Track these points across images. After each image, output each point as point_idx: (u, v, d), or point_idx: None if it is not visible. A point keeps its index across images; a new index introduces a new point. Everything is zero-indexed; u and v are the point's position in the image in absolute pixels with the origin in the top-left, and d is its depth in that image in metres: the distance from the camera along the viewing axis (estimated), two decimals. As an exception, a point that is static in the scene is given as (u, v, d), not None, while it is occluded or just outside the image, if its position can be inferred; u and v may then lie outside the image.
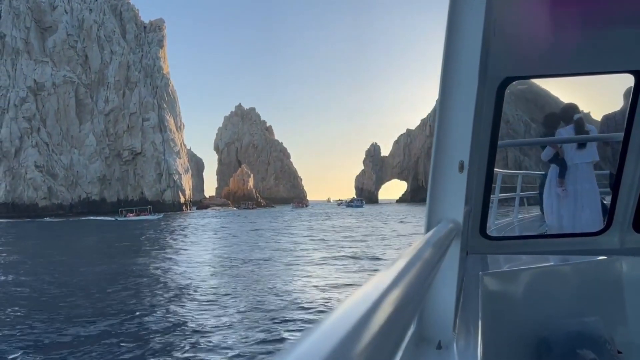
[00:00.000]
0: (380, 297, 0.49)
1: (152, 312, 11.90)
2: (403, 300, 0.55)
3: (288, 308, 11.88)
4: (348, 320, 0.39)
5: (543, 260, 3.26)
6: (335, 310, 0.42)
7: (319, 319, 0.39)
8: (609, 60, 3.09)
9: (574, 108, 5.09)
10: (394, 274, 0.60)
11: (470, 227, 3.40)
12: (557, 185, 5.46)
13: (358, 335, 0.38)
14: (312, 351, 0.32)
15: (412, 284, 0.62)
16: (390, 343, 0.46)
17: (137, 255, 24.20)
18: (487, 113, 3.21)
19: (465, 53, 1.49)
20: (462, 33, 1.50)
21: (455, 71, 1.50)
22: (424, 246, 0.91)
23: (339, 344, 0.35)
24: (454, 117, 1.51)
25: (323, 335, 0.36)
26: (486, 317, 2.02)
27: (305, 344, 0.34)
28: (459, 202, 1.54)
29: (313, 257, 21.99)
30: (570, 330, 2.63)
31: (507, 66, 3.12)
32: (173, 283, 15.94)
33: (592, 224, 5.14)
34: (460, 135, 1.52)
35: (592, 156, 5.32)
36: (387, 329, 0.45)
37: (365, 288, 0.51)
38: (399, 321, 0.51)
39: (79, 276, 17.47)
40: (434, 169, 1.55)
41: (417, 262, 0.74)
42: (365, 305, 0.45)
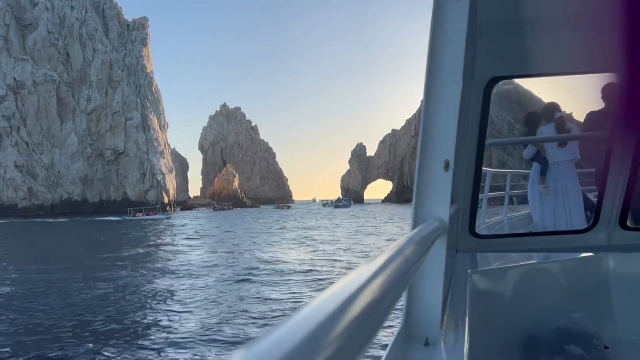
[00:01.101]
0: (356, 291, 0.49)
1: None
2: (379, 295, 0.55)
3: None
4: (322, 313, 0.39)
5: (531, 257, 3.28)
6: (310, 303, 0.43)
7: (292, 313, 0.40)
8: (593, 60, 3.12)
9: (555, 107, 5.15)
10: (372, 270, 0.61)
11: (460, 225, 3.39)
12: (539, 182, 5.53)
13: (329, 328, 0.38)
14: (277, 344, 0.32)
15: (389, 279, 0.63)
16: (363, 336, 0.47)
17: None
18: (474, 112, 3.23)
19: (449, 53, 1.50)
20: (446, 34, 1.51)
21: (439, 71, 1.51)
22: (406, 243, 0.91)
23: (309, 335, 0.35)
24: (438, 116, 1.52)
25: (294, 327, 0.36)
26: (474, 314, 2.03)
27: (272, 337, 0.34)
28: (444, 201, 1.55)
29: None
30: (558, 327, 2.64)
31: (493, 66, 3.15)
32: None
33: (575, 222, 5.20)
34: (445, 135, 1.53)
35: (573, 154, 5.37)
36: (360, 322, 0.45)
37: (342, 282, 0.52)
38: (373, 315, 0.51)
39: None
40: (419, 168, 1.56)
41: (397, 258, 0.74)
42: (340, 298, 0.45)
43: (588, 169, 5.69)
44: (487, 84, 3.19)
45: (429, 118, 1.54)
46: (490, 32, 2.89)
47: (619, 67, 3.03)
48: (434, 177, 1.55)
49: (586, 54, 3.07)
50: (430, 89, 1.53)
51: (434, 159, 1.54)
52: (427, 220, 1.49)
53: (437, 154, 1.54)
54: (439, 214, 1.54)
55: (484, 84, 3.19)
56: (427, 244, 1.13)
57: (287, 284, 15.04)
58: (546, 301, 2.86)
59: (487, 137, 3.39)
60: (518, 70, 3.32)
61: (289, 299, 12.61)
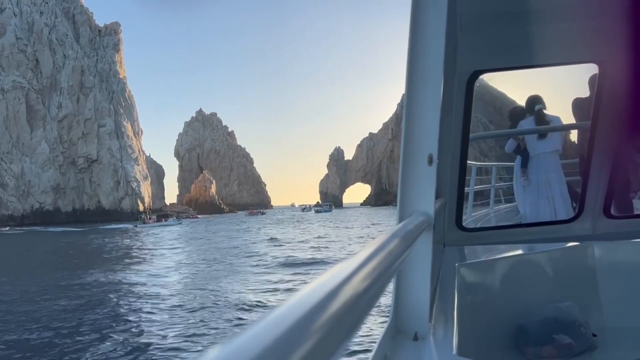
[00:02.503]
0: (337, 286, 0.49)
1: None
2: (361, 289, 0.55)
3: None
4: (301, 308, 0.40)
5: (518, 249, 3.32)
6: (289, 299, 0.43)
7: (272, 308, 0.39)
8: (574, 51, 3.19)
9: (535, 99, 5.24)
10: (354, 264, 0.61)
11: (447, 219, 3.40)
12: (520, 175, 5.63)
13: (309, 322, 0.38)
14: (256, 338, 0.32)
15: (372, 273, 0.63)
16: (344, 330, 0.47)
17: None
18: (457, 107, 3.25)
19: (429, 48, 1.51)
20: (425, 29, 1.51)
21: (420, 66, 1.52)
22: (390, 238, 0.91)
23: (288, 330, 0.35)
24: (421, 111, 1.53)
25: (273, 322, 0.36)
26: (463, 308, 2.04)
27: (250, 332, 0.34)
28: (429, 195, 1.55)
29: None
30: (546, 317, 2.67)
31: (475, 60, 3.19)
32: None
33: (561, 212, 5.27)
34: (428, 129, 1.53)
35: (554, 145, 5.41)
36: (341, 316, 0.45)
37: (323, 277, 0.52)
38: (355, 310, 0.51)
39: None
40: (403, 163, 1.56)
41: (380, 253, 0.74)
42: (320, 293, 0.45)
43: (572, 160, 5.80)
44: (469, 78, 3.21)
45: (412, 113, 1.54)
46: (470, 27, 2.93)
47: (600, 57, 3.21)
48: (418, 171, 1.54)
49: (567, 44, 3.10)
50: (412, 84, 1.53)
51: (418, 153, 1.54)
52: (413, 214, 1.48)
53: (420, 148, 1.53)
54: (425, 209, 1.54)
55: (466, 78, 3.20)
56: (412, 238, 1.12)
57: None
58: (534, 292, 2.87)
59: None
60: (500, 64, 3.33)
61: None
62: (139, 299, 14.50)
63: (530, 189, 5.53)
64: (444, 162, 3.18)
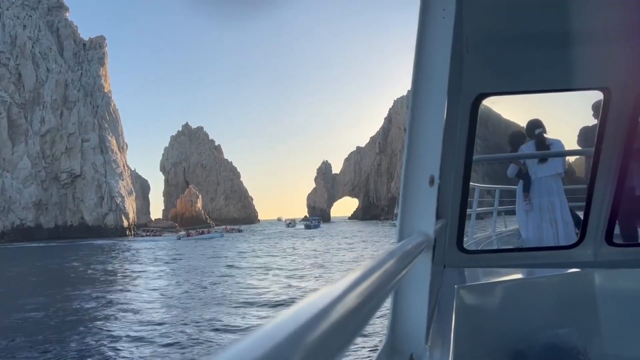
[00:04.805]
0: (332, 301, 0.49)
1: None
2: (356, 305, 0.55)
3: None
4: (291, 324, 0.39)
5: (519, 273, 3.38)
6: (279, 315, 0.42)
7: (262, 323, 0.39)
8: (579, 78, 3.21)
9: (535, 124, 5.24)
10: (348, 282, 0.60)
11: (447, 240, 3.43)
12: (522, 199, 5.65)
13: (302, 336, 0.38)
14: (244, 353, 0.32)
15: (366, 292, 0.62)
16: (337, 345, 0.47)
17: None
18: (461, 129, 3.24)
19: (434, 69, 1.52)
20: (431, 49, 1.52)
21: (424, 87, 1.52)
22: (387, 256, 0.91)
23: (280, 344, 0.35)
24: (423, 131, 1.53)
25: (265, 335, 0.36)
26: (460, 330, 2.05)
27: (240, 346, 0.34)
28: (430, 215, 1.55)
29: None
30: (545, 342, 2.68)
31: (480, 83, 3.22)
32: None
33: (563, 237, 5.28)
34: (430, 150, 1.53)
35: (555, 168, 5.42)
36: (335, 331, 0.45)
37: (317, 293, 0.52)
38: (349, 326, 0.51)
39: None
40: (404, 183, 1.56)
41: (377, 271, 0.74)
42: (313, 308, 0.45)
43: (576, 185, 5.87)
44: (474, 100, 3.21)
45: (414, 133, 1.54)
46: (476, 49, 2.97)
47: (606, 84, 3.26)
48: (419, 191, 1.54)
49: (573, 70, 3.15)
50: (416, 104, 1.53)
51: (419, 173, 1.54)
52: (412, 234, 1.48)
53: (422, 168, 1.54)
54: (424, 229, 1.53)
55: (472, 100, 3.20)
56: (410, 257, 1.13)
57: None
58: (533, 317, 2.87)
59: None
60: (505, 87, 3.35)
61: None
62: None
63: (533, 212, 5.53)
64: (446, 183, 3.20)
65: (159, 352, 10.80)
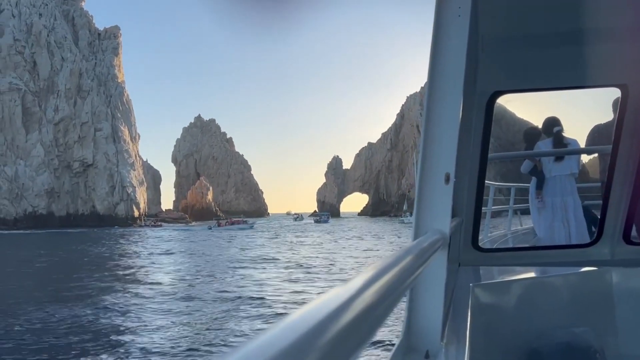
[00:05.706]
0: (349, 299, 0.50)
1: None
2: (372, 303, 0.55)
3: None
4: (310, 320, 0.40)
5: (535, 271, 3.40)
6: (297, 311, 0.43)
7: (280, 318, 0.39)
8: (596, 75, 3.20)
9: (554, 121, 5.19)
10: (366, 278, 0.61)
11: (462, 239, 3.43)
12: (535, 197, 5.64)
13: (317, 334, 0.39)
14: (264, 348, 0.33)
15: (383, 289, 0.63)
16: (355, 342, 0.47)
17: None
18: (477, 126, 3.26)
19: (450, 67, 1.53)
20: (447, 48, 1.53)
21: (440, 85, 1.54)
22: (403, 254, 0.91)
23: (297, 340, 0.35)
24: (439, 129, 1.54)
25: (281, 333, 0.36)
26: (476, 328, 2.06)
27: (259, 341, 0.34)
28: (445, 214, 1.57)
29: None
30: (560, 341, 2.67)
31: (496, 80, 3.22)
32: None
33: (577, 236, 5.27)
34: (446, 148, 1.54)
35: (570, 168, 5.39)
36: (352, 329, 0.46)
37: (336, 289, 0.52)
38: (366, 323, 0.52)
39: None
40: (420, 181, 1.58)
41: (393, 269, 0.75)
42: (332, 304, 0.45)
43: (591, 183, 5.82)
44: (489, 98, 3.21)
45: (430, 131, 1.55)
46: (492, 47, 2.99)
47: (623, 81, 3.24)
48: (435, 190, 1.55)
49: (590, 67, 3.12)
50: (431, 102, 1.54)
51: (435, 172, 1.55)
52: (428, 232, 1.49)
53: (437, 167, 1.55)
54: (440, 227, 1.54)
55: (487, 98, 3.21)
56: (426, 255, 1.13)
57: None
58: (549, 315, 2.87)
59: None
60: (521, 85, 3.36)
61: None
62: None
63: (545, 211, 5.52)
64: (461, 181, 3.18)
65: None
